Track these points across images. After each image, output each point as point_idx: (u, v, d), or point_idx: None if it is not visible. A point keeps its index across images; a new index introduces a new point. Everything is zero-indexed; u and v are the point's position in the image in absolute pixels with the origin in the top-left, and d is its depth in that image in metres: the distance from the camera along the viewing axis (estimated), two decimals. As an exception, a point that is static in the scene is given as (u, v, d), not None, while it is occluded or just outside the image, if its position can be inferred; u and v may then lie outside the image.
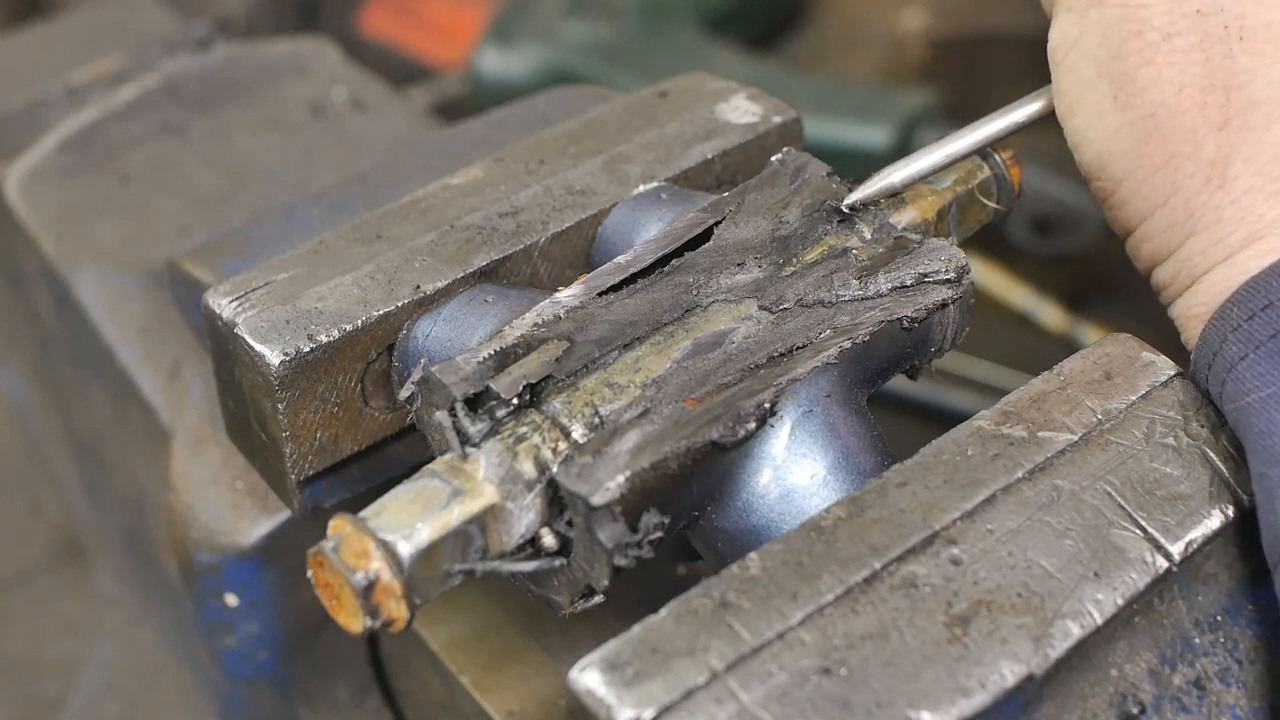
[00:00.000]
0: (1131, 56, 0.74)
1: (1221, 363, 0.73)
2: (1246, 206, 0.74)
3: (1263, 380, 0.70)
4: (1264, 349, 0.71)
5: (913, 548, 0.67)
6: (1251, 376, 0.71)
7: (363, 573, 0.66)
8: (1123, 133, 0.75)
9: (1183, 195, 0.75)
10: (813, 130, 0.95)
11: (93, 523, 1.30)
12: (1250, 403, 0.70)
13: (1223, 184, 0.74)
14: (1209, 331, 0.74)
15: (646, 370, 0.73)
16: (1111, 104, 0.75)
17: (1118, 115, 0.75)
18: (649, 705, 0.61)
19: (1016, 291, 1.47)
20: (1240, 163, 0.74)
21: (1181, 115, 0.74)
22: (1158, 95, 0.74)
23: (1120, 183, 0.76)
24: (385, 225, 0.84)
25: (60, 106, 1.26)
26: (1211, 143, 0.74)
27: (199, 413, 0.99)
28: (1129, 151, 0.75)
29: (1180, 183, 0.75)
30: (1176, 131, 0.74)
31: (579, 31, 1.63)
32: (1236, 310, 0.73)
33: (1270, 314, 0.72)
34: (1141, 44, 0.74)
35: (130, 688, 1.24)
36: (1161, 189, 0.75)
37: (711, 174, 0.88)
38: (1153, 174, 0.75)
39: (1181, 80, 0.73)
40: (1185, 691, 0.70)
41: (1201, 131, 0.74)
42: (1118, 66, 0.74)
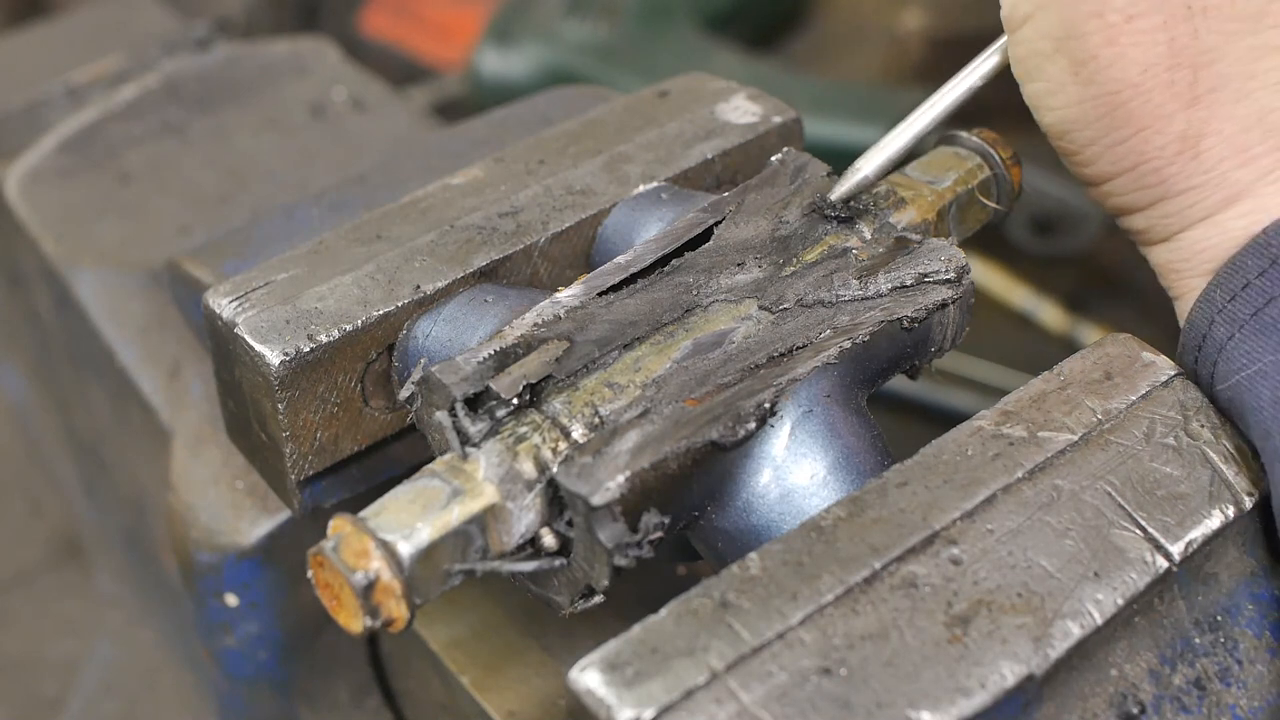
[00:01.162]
0: (1092, 36, 0.73)
1: (1211, 344, 0.73)
2: (1222, 174, 0.74)
3: (1249, 358, 0.71)
4: (1247, 327, 0.72)
5: (913, 548, 0.67)
6: (1239, 355, 0.72)
7: (363, 572, 0.66)
8: (1085, 105, 0.74)
9: (1152, 164, 0.75)
10: (813, 130, 0.95)
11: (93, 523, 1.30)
12: (1240, 380, 0.71)
13: (1195, 156, 0.74)
14: (1195, 315, 0.75)
15: (646, 370, 0.73)
16: (1072, 78, 0.74)
17: (1079, 89, 0.74)
18: (649, 705, 0.61)
19: (1016, 291, 1.47)
20: (1213, 136, 0.74)
21: (1148, 93, 0.73)
22: (1121, 74, 0.73)
23: (1084, 147, 0.76)
24: (385, 225, 0.84)
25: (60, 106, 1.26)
26: (1181, 118, 0.73)
27: (199, 413, 0.99)
28: (1092, 122, 0.75)
29: (1149, 154, 0.75)
30: (1144, 108, 0.73)
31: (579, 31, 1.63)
32: (1219, 292, 0.74)
33: (1250, 293, 0.72)
34: (1102, 24, 0.72)
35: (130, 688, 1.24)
36: (1129, 157, 0.75)
37: (711, 174, 0.88)
38: (1119, 144, 0.75)
39: (1146, 60, 0.73)
40: (1185, 691, 0.71)
41: (1170, 108, 0.73)
42: (1077, 45, 0.73)
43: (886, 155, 0.80)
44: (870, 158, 0.80)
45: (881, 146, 0.80)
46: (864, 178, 0.80)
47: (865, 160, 0.80)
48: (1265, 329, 0.71)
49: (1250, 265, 0.73)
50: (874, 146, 0.80)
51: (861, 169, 0.80)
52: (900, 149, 0.80)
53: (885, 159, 0.80)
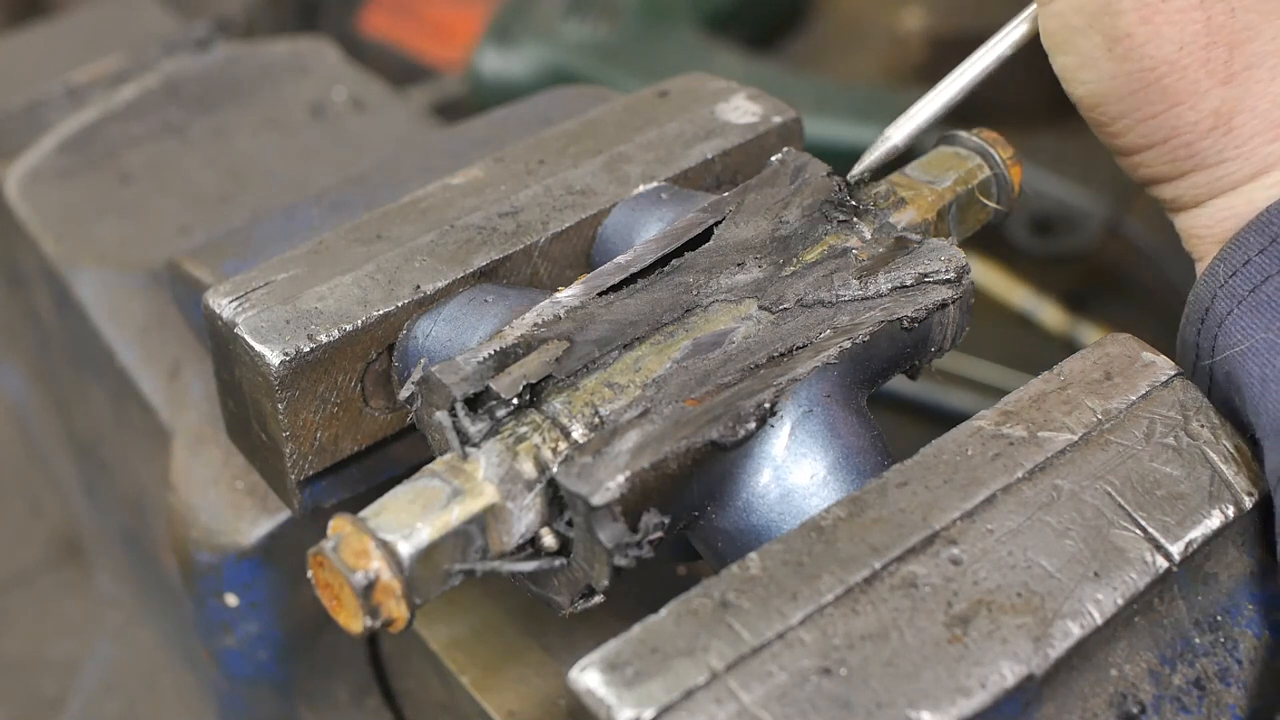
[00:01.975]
0: (1128, 14, 0.73)
1: (1213, 319, 0.74)
2: (1253, 149, 0.75)
3: (1244, 334, 0.72)
4: (1245, 303, 0.72)
5: (913, 548, 0.67)
6: (1235, 330, 0.72)
7: (363, 572, 0.66)
8: (1119, 80, 0.75)
9: (1184, 139, 0.75)
10: (813, 130, 0.95)
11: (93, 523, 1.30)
12: (1233, 355, 0.72)
13: (1228, 131, 0.75)
14: (1199, 288, 0.76)
15: (646, 370, 0.73)
16: (1106, 54, 0.74)
17: (1113, 64, 0.74)
18: (649, 705, 0.61)
19: (1016, 291, 1.47)
20: (1246, 112, 0.74)
21: (1184, 70, 0.73)
22: (1157, 52, 0.73)
23: (1115, 119, 0.77)
24: (385, 225, 0.84)
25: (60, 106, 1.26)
26: (1216, 95, 0.74)
27: (199, 413, 0.99)
28: (1125, 97, 0.75)
29: (1181, 128, 0.75)
30: (1178, 84, 0.74)
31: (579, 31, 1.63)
32: (1222, 267, 0.74)
33: (1249, 270, 0.73)
34: (1138, 3, 0.73)
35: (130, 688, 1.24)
36: (1161, 131, 0.76)
37: (711, 174, 0.88)
38: (1151, 119, 0.75)
39: (1182, 39, 0.73)
40: (1185, 691, 0.71)
41: (1205, 85, 0.74)
42: (1112, 22, 0.73)
43: (916, 124, 0.80)
44: (900, 125, 0.80)
45: (911, 115, 0.80)
46: (893, 146, 0.80)
47: (895, 128, 0.80)
48: (1260, 306, 0.72)
49: (1252, 242, 0.74)
50: (903, 115, 0.80)
51: (891, 137, 0.80)
52: (929, 118, 0.80)
53: (914, 127, 0.80)
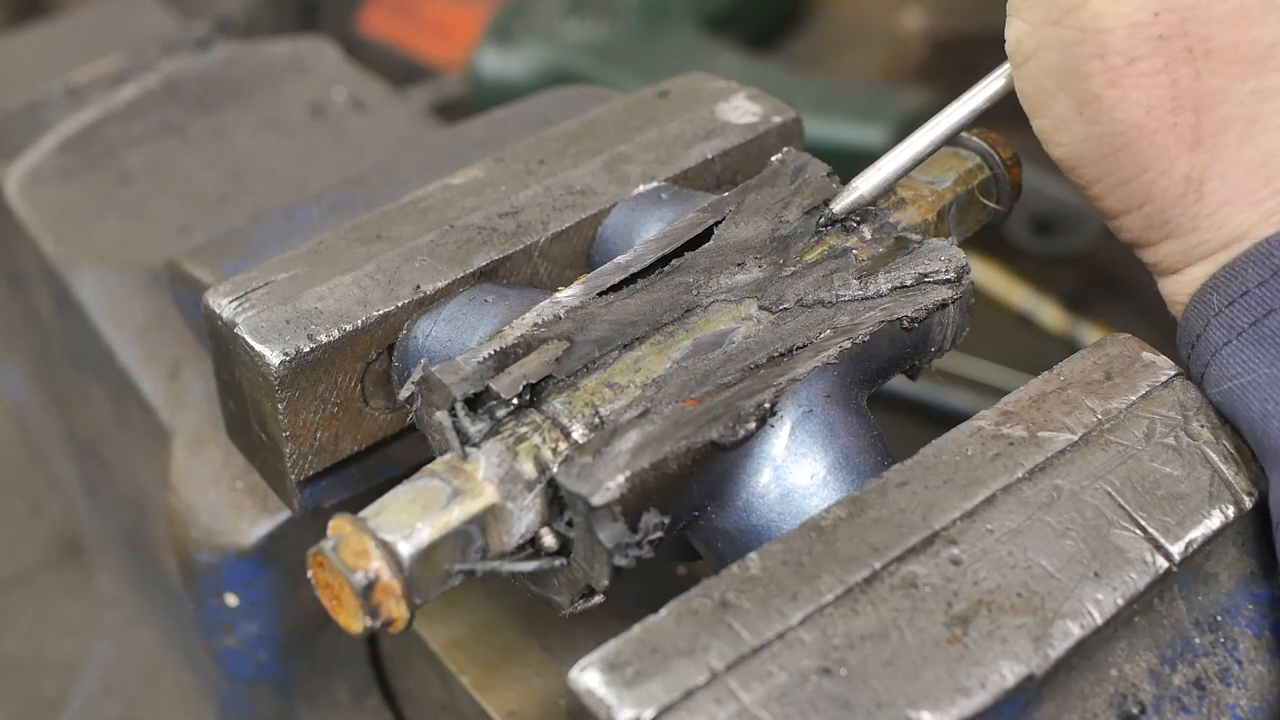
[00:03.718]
0: (1095, 77, 0.73)
1: (1205, 347, 0.74)
2: (1225, 216, 0.74)
3: (1245, 367, 0.72)
4: (1245, 336, 0.72)
5: (913, 548, 0.67)
6: (1235, 363, 0.72)
7: (362, 572, 0.66)
8: (1090, 143, 0.75)
9: (1158, 204, 0.75)
10: (813, 130, 0.95)
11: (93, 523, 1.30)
12: (1233, 388, 0.72)
13: (1199, 198, 0.74)
14: (1190, 314, 0.75)
15: (646, 370, 0.73)
16: (1077, 116, 0.74)
17: (1084, 127, 0.74)
18: (649, 705, 0.61)
19: (1016, 291, 1.47)
20: (1216, 179, 0.74)
21: (1152, 135, 0.73)
22: (1125, 116, 0.73)
23: (1092, 183, 0.76)
24: (385, 225, 0.84)
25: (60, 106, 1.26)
26: (1185, 161, 0.74)
27: (199, 413, 0.99)
28: (1098, 160, 0.75)
29: (1154, 194, 0.75)
30: (1148, 150, 0.74)
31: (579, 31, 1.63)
32: (1215, 296, 0.74)
33: (1248, 301, 0.72)
34: (1104, 66, 0.72)
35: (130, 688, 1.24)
36: (1135, 196, 0.75)
37: (711, 174, 0.88)
38: (1125, 183, 0.75)
39: (1149, 102, 0.73)
40: (1185, 691, 0.71)
41: (1174, 150, 0.73)
42: (1080, 85, 0.73)
43: (883, 175, 0.80)
44: (869, 176, 0.80)
45: (879, 166, 0.80)
46: (859, 196, 0.80)
47: (863, 179, 0.80)
48: (1263, 340, 0.71)
49: (1250, 273, 0.73)
50: (873, 166, 0.80)
51: (859, 188, 0.80)
52: (899, 169, 0.80)
53: (883, 178, 0.80)
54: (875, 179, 0.80)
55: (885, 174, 0.80)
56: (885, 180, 0.80)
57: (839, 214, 0.80)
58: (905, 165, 0.80)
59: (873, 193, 0.80)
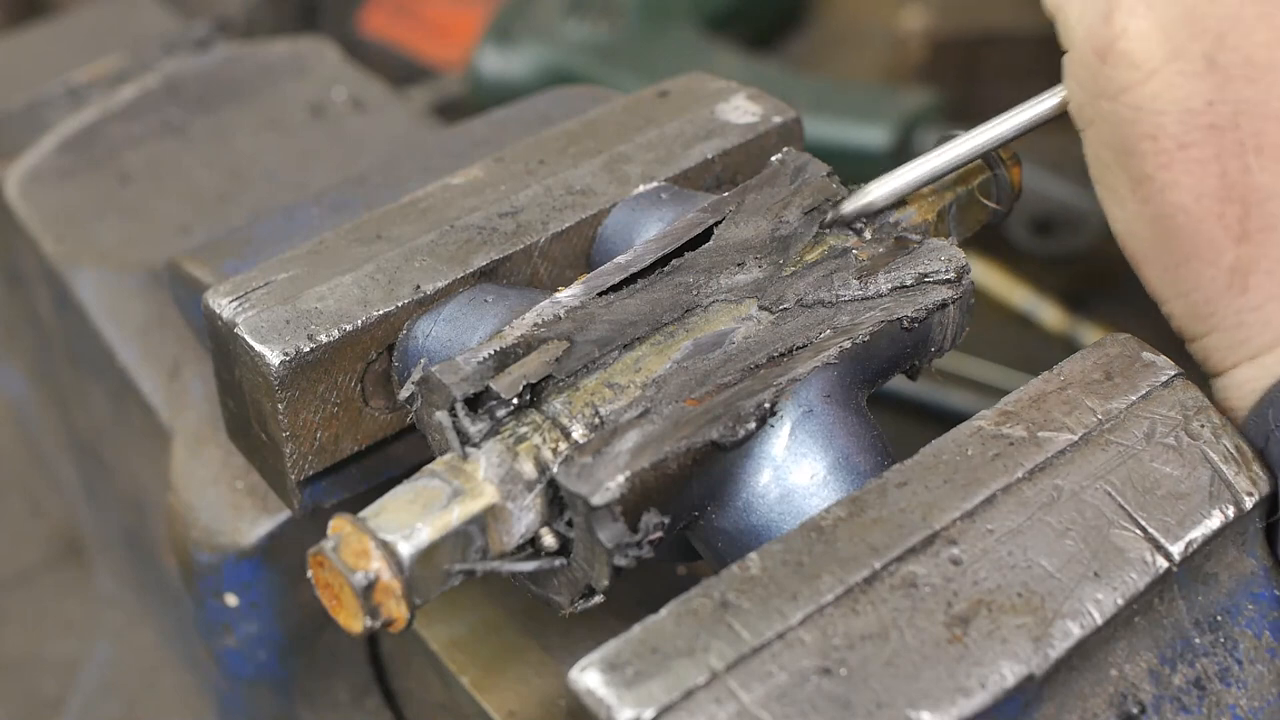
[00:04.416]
0: (1148, 158, 0.73)
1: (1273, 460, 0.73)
2: (1269, 314, 0.74)
3: None
4: None
5: (913, 548, 0.67)
6: None
7: (363, 573, 0.66)
8: (1142, 222, 0.75)
9: (1204, 294, 0.75)
10: (813, 130, 0.95)
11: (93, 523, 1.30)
12: None
13: (1244, 291, 0.74)
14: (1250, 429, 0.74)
15: (646, 370, 0.73)
16: (1130, 193, 0.75)
17: (1137, 205, 0.75)
18: (649, 705, 0.61)
19: (1016, 291, 1.47)
20: (1262, 274, 0.74)
21: (1200, 223, 0.73)
22: (1175, 199, 0.73)
23: (1142, 263, 0.77)
24: (385, 225, 0.84)
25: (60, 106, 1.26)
26: (1231, 253, 0.74)
27: (199, 413, 0.99)
28: (1149, 240, 0.75)
29: (1200, 283, 0.75)
30: (1195, 236, 0.74)
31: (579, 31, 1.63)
32: (1271, 411, 0.73)
33: None
34: (1156, 148, 0.73)
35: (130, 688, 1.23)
36: (1183, 283, 0.75)
37: (711, 174, 0.88)
38: (1173, 268, 0.75)
39: (1199, 189, 0.73)
40: (1185, 691, 0.71)
41: (1221, 241, 0.73)
42: (1134, 163, 0.74)
43: (897, 185, 0.80)
44: (885, 182, 0.80)
45: (897, 174, 0.80)
46: (869, 202, 0.80)
47: (878, 184, 0.80)
48: None
49: None
50: (890, 173, 0.80)
51: (871, 192, 0.80)
52: (915, 180, 0.80)
53: (896, 187, 0.80)
54: (890, 186, 0.80)
55: (899, 184, 0.80)
56: (897, 190, 0.80)
57: (847, 216, 0.80)
58: (920, 179, 0.80)
59: (885, 200, 0.80)
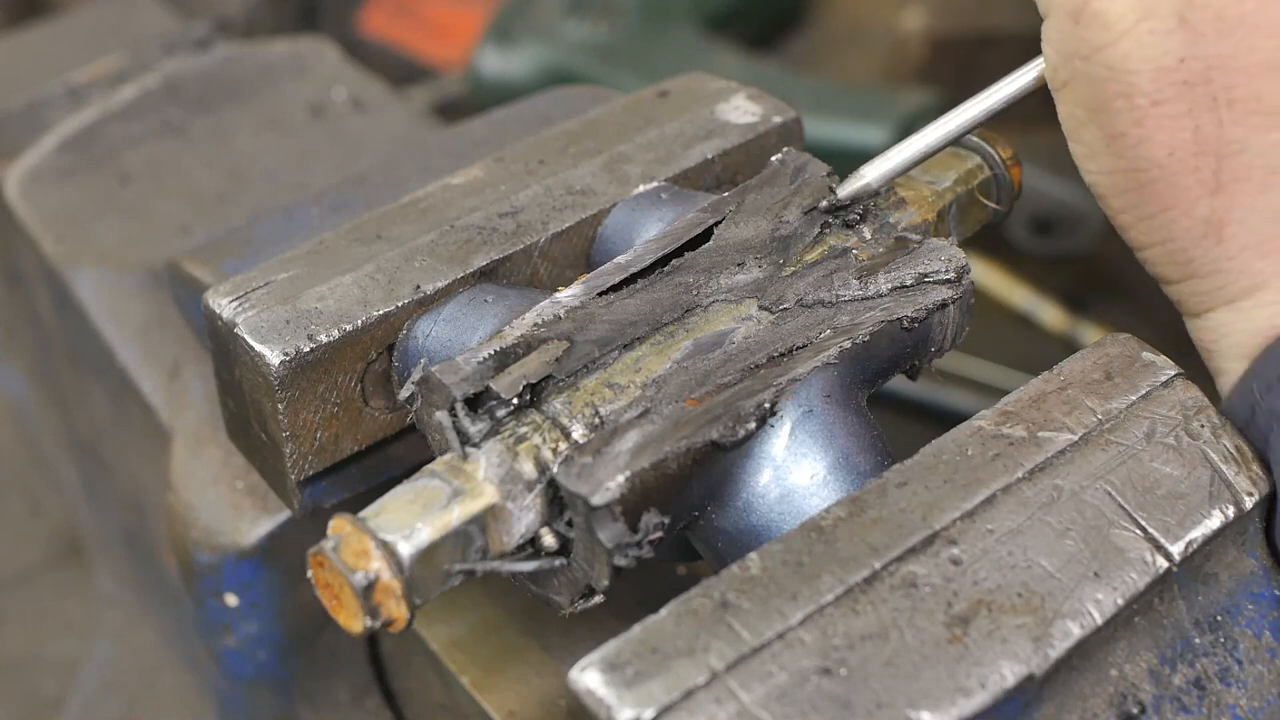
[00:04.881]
0: (1122, 115, 0.74)
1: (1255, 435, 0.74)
2: (1245, 262, 0.75)
3: None
4: None
5: (913, 548, 0.67)
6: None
7: (363, 572, 0.66)
8: (1117, 176, 0.76)
9: (1180, 243, 0.76)
10: (813, 130, 0.95)
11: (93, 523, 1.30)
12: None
13: (1219, 241, 0.75)
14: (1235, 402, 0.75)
15: (646, 370, 0.73)
16: (1105, 148, 0.75)
17: (1112, 160, 0.75)
18: (649, 705, 0.61)
19: (1016, 291, 1.47)
20: (1235, 224, 0.75)
21: (1174, 176, 0.74)
22: (1149, 154, 0.74)
23: (1119, 213, 0.77)
24: (385, 225, 0.84)
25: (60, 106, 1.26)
26: (1205, 204, 0.74)
27: (199, 413, 0.99)
28: (1124, 193, 0.76)
29: (1176, 233, 0.76)
30: (1170, 189, 0.74)
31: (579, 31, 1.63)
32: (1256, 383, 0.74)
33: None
34: (1129, 105, 0.73)
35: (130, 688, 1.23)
36: (1159, 233, 0.76)
37: (711, 174, 0.88)
38: (1149, 218, 0.76)
39: (1172, 144, 0.73)
40: (1185, 691, 0.70)
41: (1195, 192, 0.74)
42: (1108, 119, 0.74)
43: (891, 165, 0.80)
44: (877, 165, 0.80)
45: (888, 156, 0.80)
46: (866, 184, 0.80)
47: (871, 167, 0.80)
48: None
49: None
50: (881, 155, 0.80)
51: (866, 175, 0.80)
52: (907, 160, 0.80)
53: (890, 168, 0.80)
54: (884, 168, 0.80)
55: (894, 164, 0.80)
56: (893, 170, 0.80)
57: (843, 200, 0.80)
58: (913, 158, 0.80)
59: (880, 181, 0.80)
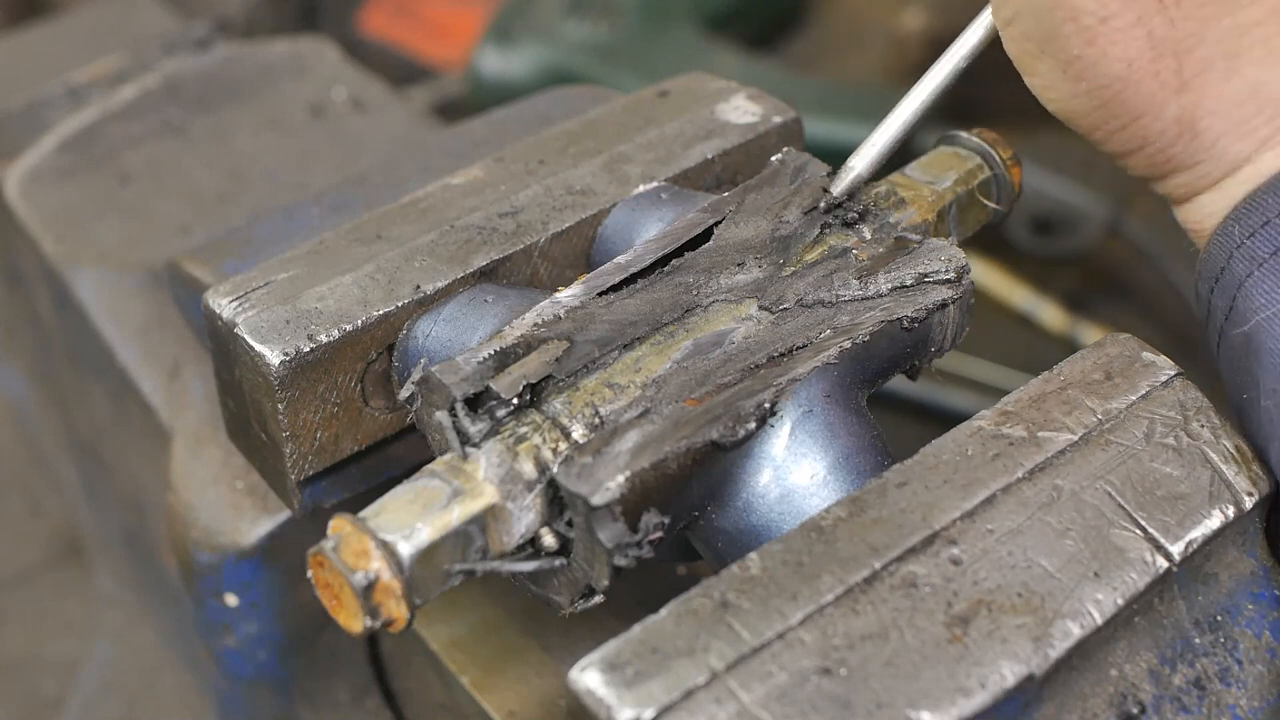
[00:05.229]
0: (1072, 39, 0.74)
1: (1230, 279, 0.74)
2: (1222, 149, 0.76)
3: (1268, 298, 0.72)
4: (1267, 266, 0.73)
5: (913, 548, 0.67)
6: (1258, 294, 0.73)
7: (362, 572, 0.66)
8: (1080, 98, 0.76)
9: (1156, 145, 0.77)
10: (813, 130, 0.95)
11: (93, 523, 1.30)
12: (1260, 320, 0.72)
13: (1194, 136, 0.76)
14: (1213, 247, 0.76)
15: (646, 370, 0.73)
16: (1062, 75, 0.76)
17: (1071, 85, 0.76)
18: (649, 705, 0.61)
19: (1016, 291, 1.47)
20: (1207, 116, 0.75)
21: (1137, 85, 0.74)
22: (1108, 70, 0.74)
23: (1090, 131, 0.78)
24: (385, 225, 0.84)
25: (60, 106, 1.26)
26: (1174, 104, 0.75)
27: (199, 413, 0.99)
28: (1090, 113, 0.76)
29: (1150, 137, 0.76)
30: (1135, 99, 0.75)
31: (579, 31, 1.63)
32: (1237, 227, 0.75)
33: (1269, 231, 0.74)
34: (1078, 28, 0.74)
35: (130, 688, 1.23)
36: (1133, 140, 0.77)
37: (711, 174, 0.88)
38: (1120, 130, 0.77)
39: (1128, 55, 0.74)
40: (1185, 691, 0.71)
41: (1161, 96, 0.75)
42: (1059, 46, 0.74)
43: (877, 150, 0.80)
44: (862, 154, 0.81)
45: (872, 142, 0.81)
46: (857, 175, 0.80)
47: (857, 157, 0.81)
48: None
49: (1269, 204, 0.74)
50: (864, 143, 0.81)
51: (855, 167, 0.80)
52: (890, 141, 0.81)
53: (876, 154, 0.80)
54: (870, 155, 0.80)
55: (879, 149, 0.80)
56: (880, 155, 0.80)
57: (839, 197, 0.80)
58: (896, 137, 0.81)
59: (869, 168, 0.80)
